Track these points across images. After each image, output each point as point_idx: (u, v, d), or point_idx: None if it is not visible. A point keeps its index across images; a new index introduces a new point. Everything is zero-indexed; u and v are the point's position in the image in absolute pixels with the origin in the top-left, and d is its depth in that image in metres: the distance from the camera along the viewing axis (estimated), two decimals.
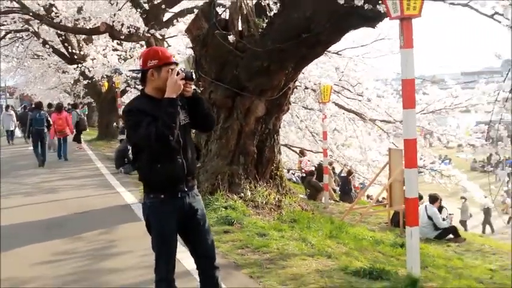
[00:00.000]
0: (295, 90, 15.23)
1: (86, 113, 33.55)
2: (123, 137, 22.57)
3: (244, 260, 6.19)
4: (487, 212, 25.86)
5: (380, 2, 6.73)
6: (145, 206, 3.91)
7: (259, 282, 5.42)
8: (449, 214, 14.30)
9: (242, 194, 9.00)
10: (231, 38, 8.71)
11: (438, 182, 16.70)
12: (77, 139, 22.99)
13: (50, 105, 24.56)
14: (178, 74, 3.72)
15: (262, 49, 8.46)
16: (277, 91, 9.20)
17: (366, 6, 6.96)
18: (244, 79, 8.95)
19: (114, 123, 25.35)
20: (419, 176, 18.59)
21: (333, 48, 15.66)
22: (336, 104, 17.16)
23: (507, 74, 7.86)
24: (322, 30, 7.92)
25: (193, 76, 3.88)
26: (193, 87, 3.98)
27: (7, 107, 21.17)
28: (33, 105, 20.84)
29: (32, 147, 17.56)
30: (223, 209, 8.33)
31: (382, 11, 6.81)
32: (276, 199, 9.22)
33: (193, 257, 4.04)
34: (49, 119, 17.75)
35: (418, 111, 16.87)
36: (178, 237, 3.96)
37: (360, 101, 16.94)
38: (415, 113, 5.97)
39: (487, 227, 27.31)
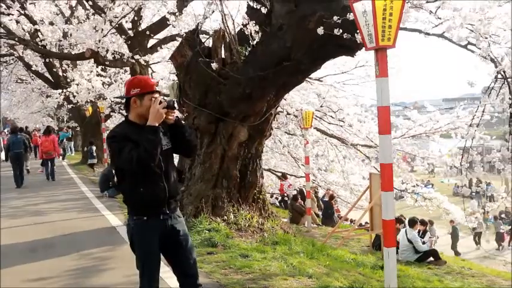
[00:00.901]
0: (277, 116, 15.57)
1: (71, 136, 33.74)
2: (94, 161, 23.17)
3: (228, 279, 6.38)
4: (453, 234, 26.04)
5: (357, 32, 7.03)
6: (129, 227, 4.11)
7: None
8: (430, 238, 14.52)
9: (225, 217, 9.20)
10: (214, 65, 8.98)
11: (420, 205, 17.01)
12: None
13: (21, 129, 24.36)
14: (160, 102, 3.91)
15: (244, 76, 8.74)
16: (259, 117, 9.46)
17: (345, 36, 7.26)
18: (227, 105, 9.20)
19: (85, 148, 25.67)
20: (402, 200, 19.01)
21: (315, 75, 16.04)
22: (318, 130, 17.46)
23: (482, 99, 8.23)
24: (302, 59, 8.21)
25: (176, 105, 4.07)
26: (176, 114, 4.13)
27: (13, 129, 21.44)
28: (9, 130, 21.32)
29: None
30: (207, 231, 8.51)
31: (359, 41, 7.10)
32: (259, 222, 9.42)
33: (176, 276, 4.22)
34: (26, 142, 18.40)
35: (399, 136, 17.29)
36: (162, 257, 4.14)
37: (341, 126, 17.25)
38: (390, 138, 6.24)
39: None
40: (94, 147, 23.78)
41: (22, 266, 7.49)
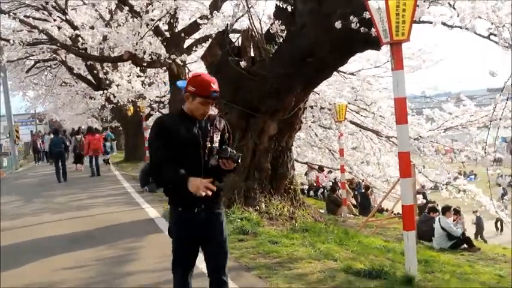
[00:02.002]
0: (311, 109, 15.93)
1: (112, 138, 34.78)
2: (107, 156, 24.03)
3: (255, 263, 6.80)
4: (478, 223, 25.77)
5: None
6: (169, 212, 4.21)
7: (266, 282, 6.02)
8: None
9: (257, 207, 9.63)
10: (242, 63, 9.42)
11: (456, 196, 17.07)
12: (77, 161, 24.91)
13: (73, 131, 25.95)
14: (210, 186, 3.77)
15: (271, 73, 9.16)
16: (288, 111, 9.86)
17: (362, 30, 7.58)
18: (256, 101, 9.62)
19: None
20: (436, 192, 19.03)
21: (349, 69, 16.33)
22: (352, 123, 17.72)
23: None
24: (326, 54, 8.57)
25: (239, 160, 3.99)
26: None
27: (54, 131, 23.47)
28: (51, 132, 23.09)
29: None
30: (239, 220, 8.95)
31: None
32: (290, 211, 9.82)
33: (206, 267, 4.26)
34: (65, 142, 21.02)
35: (435, 128, 17.39)
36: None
37: (375, 119, 17.45)
38: (407, 128, 6.57)
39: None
40: (108, 143, 24.54)
41: (64, 254, 8.08)
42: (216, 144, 4.05)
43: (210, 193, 3.73)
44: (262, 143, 9.90)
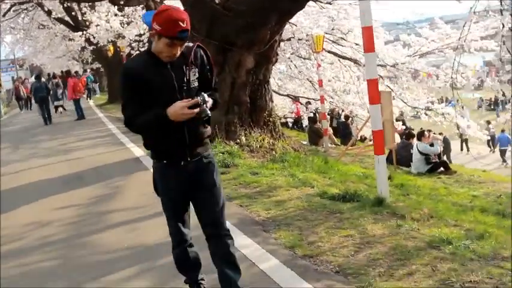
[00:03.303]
0: (289, 41, 16.05)
1: (92, 80, 34.73)
2: (60, 102, 24.31)
3: (237, 193, 7.15)
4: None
5: None
6: (153, 168, 3.78)
7: (246, 209, 6.38)
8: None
9: (238, 140, 9.94)
10: None
11: (434, 120, 17.48)
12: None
13: (53, 76, 26.01)
14: (196, 106, 3.32)
15: (245, 7, 9.27)
16: (263, 44, 10.03)
17: None
18: (232, 35, 9.77)
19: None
20: (418, 119, 19.38)
21: None
22: (330, 52, 17.85)
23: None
24: None
25: (206, 100, 3.40)
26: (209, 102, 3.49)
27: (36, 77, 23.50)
28: (34, 77, 23.90)
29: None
30: (221, 154, 9.25)
31: None
32: (270, 143, 10.16)
33: (200, 224, 3.78)
34: (48, 86, 21.74)
35: (412, 54, 17.63)
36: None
37: (352, 48, 17.57)
38: (375, 56, 6.82)
39: None
40: (60, 90, 24.62)
41: (56, 196, 8.42)
42: (196, 84, 3.51)
43: (196, 111, 3.28)
44: (240, 77, 10.11)
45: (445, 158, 17.22)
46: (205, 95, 3.41)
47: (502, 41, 8.14)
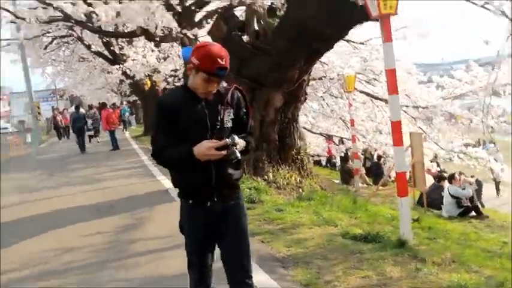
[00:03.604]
0: (320, 80, 16.22)
1: (128, 112, 35.37)
2: (90, 132, 24.87)
3: (260, 229, 7.21)
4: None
5: None
6: (180, 207, 3.63)
7: (268, 246, 6.44)
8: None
9: (266, 177, 10.05)
10: (245, 38, 9.75)
11: (468, 164, 17.32)
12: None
13: (90, 107, 26.69)
14: (224, 147, 3.19)
15: (274, 47, 9.48)
16: (292, 83, 10.19)
17: (360, 2, 7.82)
18: (261, 74, 9.97)
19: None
20: (450, 162, 19.17)
21: (359, 39, 16.51)
22: (363, 92, 17.95)
23: None
24: (324, 27, 8.85)
25: (236, 141, 3.26)
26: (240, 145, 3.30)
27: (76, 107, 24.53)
28: (74, 108, 24.68)
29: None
30: (248, 189, 9.34)
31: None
32: (297, 180, 10.24)
33: (224, 268, 3.59)
34: (85, 117, 22.77)
35: (445, 96, 17.55)
36: None
37: (384, 88, 17.60)
38: (398, 98, 6.89)
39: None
40: (90, 121, 25.13)
41: (84, 223, 8.66)
42: (229, 124, 3.39)
43: (223, 153, 3.16)
44: (268, 115, 10.27)
45: (477, 202, 16.94)
46: (236, 137, 3.26)
47: None
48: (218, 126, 3.34)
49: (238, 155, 3.22)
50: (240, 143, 3.28)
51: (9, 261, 6.72)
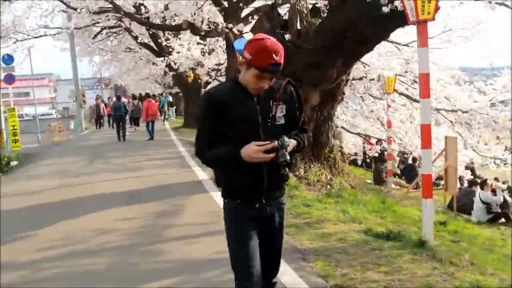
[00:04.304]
0: (361, 80, 16.35)
1: (171, 100, 35.93)
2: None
3: (286, 222, 7.32)
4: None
5: None
6: (224, 209, 3.43)
7: (292, 238, 6.68)
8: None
9: (297, 173, 10.27)
10: (287, 36, 9.99)
11: (503, 170, 17.26)
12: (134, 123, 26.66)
13: (134, 97, 27.30)
14: (271, 151, 3.03)
15: (314, 47, 9.70)
16: (330, 83, 10.40)
17: (400, 8, 7.97)
18: (300, 73, 10.18)
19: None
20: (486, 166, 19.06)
21: (403, 40, 16.54)
22: (402, 94, 17.98)
23: None
24: (364, 29, 9.03)
25: (285, 144, 3.07)
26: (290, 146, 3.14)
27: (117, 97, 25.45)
28: (115, 97, 26.25)
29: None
30: None
31: None
32: (328, 178, 10.44)
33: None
34: (127, 106, 23.52)
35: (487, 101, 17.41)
36: None
37: None
38: (430, 102, 7.05)
39: None
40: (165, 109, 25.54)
41: (120, 208, 9.12)
42: (282, 121, 3.24)
43: (271, 156, 3.00)
44: (304, 112, 10.45)
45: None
46: (286, 138, 3.09)
47: None
48: (269, 123, 3.18)
49: (288, 157, 3.06)
50: (291, 143, 3.13)
51: (47, 239, 7.17)
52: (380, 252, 6.06)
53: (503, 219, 13.35)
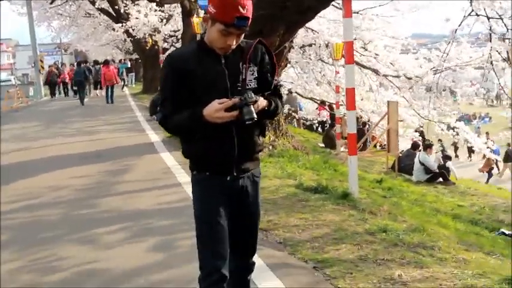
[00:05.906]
0: (310, 48, 16.93)
1: (129, 66, 36.17)
2: None
3: None
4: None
5: None
6: (192, 182, 3.11)
7: None
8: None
9: None
10: None
11: (446, 133, 18.07)
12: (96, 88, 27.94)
13: (96, 62, 27.66)
14: (232, 108, 2.73)
15: (254, 15, 10.19)
16: (273, 50, 10.92)
17: None
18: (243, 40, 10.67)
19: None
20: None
21: (354, 8, 17.07)
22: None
23: None
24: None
25: (250, 100, 2.74)
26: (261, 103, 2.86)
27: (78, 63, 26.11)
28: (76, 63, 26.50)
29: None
30: None
31: None
32: (271, 139, 10.99)
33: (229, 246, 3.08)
34: (86, 72, 24.03)
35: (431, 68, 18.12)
36: None
37: (374, 58, 18.28)
38: (353, 67, 7.72)
39: None
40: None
41: (73, 168, 9.71)
42: (253, 85, 2.90)
43: (234, 113, 2.71)
44: (278, 75, 10.95)
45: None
46: (251, 94, 2.76)
47: None
48: (239, 88, 2.85)
49: (255, 115, 2.74)
50: (259, 101, 2.82)
51: (8, 194, 7.78)
52: (306, 203, 6.71)
53: (441, 179, 14.17)
